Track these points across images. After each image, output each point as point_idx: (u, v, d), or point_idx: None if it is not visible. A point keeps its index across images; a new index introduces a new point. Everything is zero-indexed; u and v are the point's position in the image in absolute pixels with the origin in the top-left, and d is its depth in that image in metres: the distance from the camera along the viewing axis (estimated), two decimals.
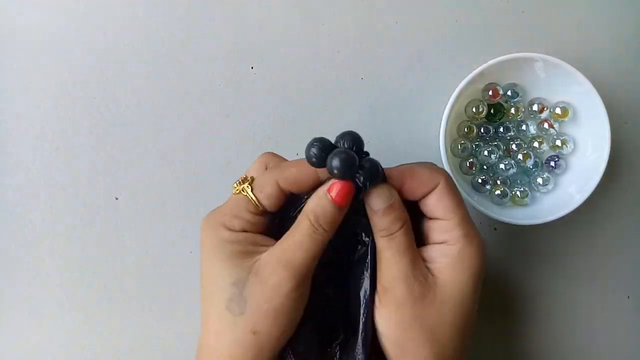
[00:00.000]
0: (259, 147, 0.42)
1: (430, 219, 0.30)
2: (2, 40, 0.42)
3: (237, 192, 0.29)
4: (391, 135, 0.42)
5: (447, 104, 0.37)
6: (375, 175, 0.27)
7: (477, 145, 0.40)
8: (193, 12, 0.42)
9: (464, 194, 0.37)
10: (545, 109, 0.40)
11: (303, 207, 0.28)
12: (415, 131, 0.42)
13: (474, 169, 0.40)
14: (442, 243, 0.28)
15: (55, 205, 0.42)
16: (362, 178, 0.27)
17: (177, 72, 0.42)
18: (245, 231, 0.28)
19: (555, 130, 0.40)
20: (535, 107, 0.40)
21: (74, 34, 0.42)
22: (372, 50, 0.42)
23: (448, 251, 0.28)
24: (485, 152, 0.39)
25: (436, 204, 0.29)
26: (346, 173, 0.26)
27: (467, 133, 0.40)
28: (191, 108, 0.42)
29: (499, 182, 0.40)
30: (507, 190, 0.39)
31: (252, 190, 0.29)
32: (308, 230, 0.27)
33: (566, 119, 0.39)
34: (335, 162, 0.26)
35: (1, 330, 0.41)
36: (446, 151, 0.37)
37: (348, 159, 0.26)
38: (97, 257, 0.41)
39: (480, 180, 0.40)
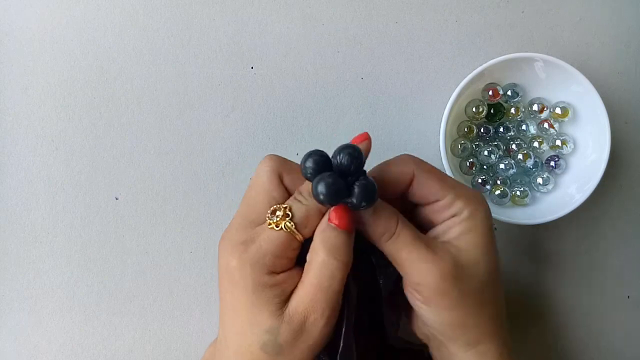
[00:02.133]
0: (259, 147, 0.42)
1: (426, 204, 0.29)
2: (2, 40, 0.42)
3: (277, 228, 0.27)
4: (391, 135, 0.42)
5: (447, 104, 0.37)
6: (370, 198, 0.26)
7: (477, 145, 0.40)
8: (193, 13, 0.42)
9: None
10: (545, 109, 0.40)
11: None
12: (415, 131, 0.42)
13: (474, 169, 0.40)
14: (449, 219, 0.28)
15: (55, 205, 0.42)
16: (354, 201, 0.25)
17: (177, 72, 0.42)
18: (284, 271, 0.27)
19: (555, 130, 0.40)
20: (535, 107, 0.40)
21: (74, 34, 0.42)
22: (372, 50, 0.42)
23: (456, 220, 0.28)
24: (485, 152, 0.39)
25: (422, 191, 0.28)
26: (332, 200, 0.25)
27: (467, 133, 0.40)
28: (191, 108, 0.42)
29: (499, 182, 0.40)
30: (507, 190, 0.39)
31: (296, 227, 0.27)
32: (323, 268, 0.26)
33: (566, 119, 0.39)
34: (321, 188, 0.25)
35: (1, 330, 0.41)
36: (446, 151, 0.37)
37: (334, 185, 0.25)
38: (97, 257, 0.41)
39: (480, 180, 0.40)
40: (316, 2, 0.42)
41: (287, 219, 0.27)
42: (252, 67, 0.42)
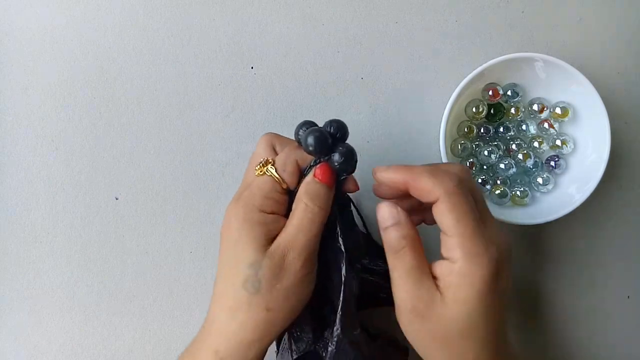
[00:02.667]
0: None
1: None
2: (2, 40, 0.42)
3: (261, 173, 0.31)
4: (391, 135, 0.42)
5: (447, 104, 0.37)
6: (350, 157, 0.30)
7: (477, 145, 0.40)
8: (193, 12, 0.42)
9: None
10: (545, 109, 0.40)
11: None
12: (415, 131, 0.42)
13: (474, 169, 0.40)
14: (447, 259, 0.28)
15: (55, 205, 0.42)
16: (335, 159, 0.30)
17: (177, 72, 0.42)
18: (274, 213, 0.30)
19: (555, 130, 0.40)
20: (535, 107, 0.40)
21: (74, 34, 0.42)
22: (372, 50, 0.42)
23: (452, 269, 0.28)
24: (485, 152, 0.39)
25: (438, 218, 0.28)
26: (319, 149, 0.30)
27: (467, 133, 0.40)
28: (191, 108, 0.42)
29: (499, 182, 0.40)
30: (507, 190, 0.39)
31: (276, 170, 0.31)
32: (305, 213, 0.30)
33: (566, 119, 0.39)
34: (310, 140, 0.30)
35: (1, 330, 0.41)
36: (446, 151, 0.37)
37: (321, 137, 0.30)
38: (97, 257, 0.41)
39: (480, 180, 0.40)
40: (316, 2, 0.42)
41: (269, 165, 0.31)
42: (252, 67, 0.42)
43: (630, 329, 0.42)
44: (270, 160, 0.31)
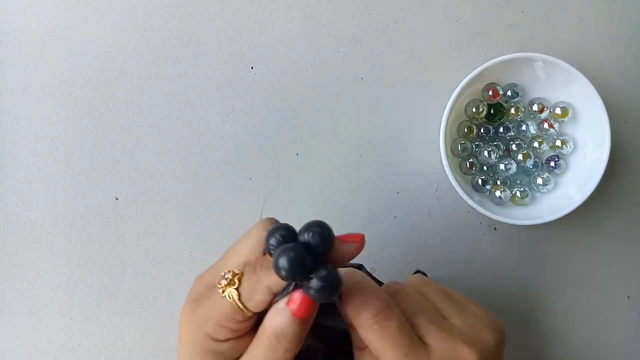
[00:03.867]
0: (259, 147, 0.42)
1: None
2: (2, 40, 0.42)
3: (223, 293, 0.25)
4: (391, 135, 0.42)
5: (447, 104, 0.37)
6: (332, 287, 0.23)
7: (477, 145, 0.40)
8: (193, 12, 0.42)
9: (463, 195, 0.37)
10: (545, 109, 0.40)
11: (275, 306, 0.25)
12: (415, 131, 0.42)
13: (474, 169, 0.40)
14: None
15: (55, 205, 0.42)
16: (312, 286, 0.22)
17: (177, 72, 0.42)
18: (229, 339, 0.26)
19: (555, 130, 0.40)
20: (535, 107, 0.40)
21: (74, 34, 0.42)
22: (372, 50, 0.42)
23: None
24: (485, 152, 0.39)
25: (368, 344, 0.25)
26: (295, 275, 0.22)
27: (467, 133, 0.40)
28: (191, 108, 0.42)
29: (499, 182, 0.40)
30: (507, 190, 0.39)
31: (239, 297, 0.25)
32: (268, 352, 0.24)
33: (566, 119, 0.39)
34: (282, 262, 0.22)
35: (1, 330, 0.41)
36: (446, 151, 0.37)
37: (297, 259, 0.22)
38: (97, 257, 0.41)
39: (480, 180, 0.40)
40: (316, 2, 0.42)
41: (233, 287, 0.25)
42: (252, 67, 0.42)
43: (630, 329, 0.42)
44: (235, 280, 0.25)
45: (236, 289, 0.25)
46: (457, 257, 0.42)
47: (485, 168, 0.41)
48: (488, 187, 0.40)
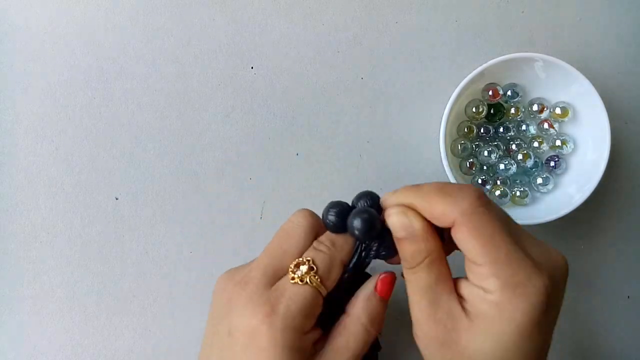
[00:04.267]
0: (259, 147, 0.42)
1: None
2: (2, 40, 0.42)
3: (302, 282, 0.25)
4: (391, 135, 0.42)
5: (447, 104, 0.37)
6: (390, 246, 0.26)
7: (477, 145, 0.40)
8: (193, 12, 0.42)
9: None
10: (545, 109, 0.40)
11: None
12: (415, 131, 0.42)
13: (474, 169, 0.40)
14: (479, 288, 0.24)
15: (55, 205, 0.42)
16: (375, 246, 0.26)
17: (177, 72, 0.42)
18: (314, 329, 0.26)
19: (555, 130, 0.40)
20: (535, 107, 0.40)
21: (74, 34, 0.42)
22: (372, 50, 0.42)
23: (485, 297, 0.23)
24: (485, 152, 0.39)
25: (460, 244, 0.24)
26: (367, 234, 0.26)
27: (467, 133, 0.40)
28: (191, 108, 0.42)
29: (499, 182, 0.40)
30: (507, 190, 0.39)
31: (320, 280, 0.25)
32: (362, 335, 0.26)
33: (566, 119, 0.39)
34: (357, 223, 0.25)
35: (1, 330, 0.41)
36: (446, 151, 0.37)
37: (370, 220, 0.25)
38: (97, 257, 0.41)
39: (480, 181, 0.40)
40: (316, 2, 0.42)
41: (312, 272, 0.25)
42: (252, 67, 0.42)
43: (630, 329, 0.42)
44: (311, 264, 0.25)
45: (316, 273, 0.25)
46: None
47: (485, 168, 0.41)
48: (488, 187, 0.40)
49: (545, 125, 0.40)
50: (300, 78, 0.42)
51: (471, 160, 0.40)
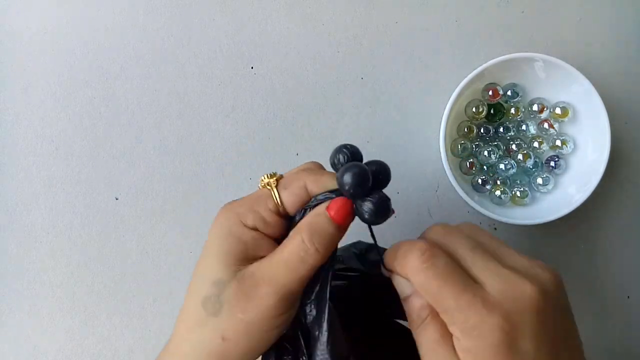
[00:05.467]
0: (259, 147, 0.42)
1: None
2: (2, 40, 0.42)
3: (263, 185, 0.28)
4: (391, 135, 0.42)
5: (447, 104, 0.37)
6: (384, 211, 0.25)
7: (477, 145, 0.40)
8: (193, 13, 0.42)
9: (463, 195, 0.37)
10: (545, 109, 0.40)
11: (298, 220, 0.26)
12: (415, 131, 0.42)
13: (474, 169, 0.40)
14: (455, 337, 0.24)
15: (55, 205, 0.42)
16: (365, 206, 0.25)
17: (177, 72, 0.42)
18: (256, 229, 0.27)
19: (555, 130, 0.40)
20: (535, 107, 0.40)
21: (74, 34, 0.42)
22: (372, 50, 0.42)
23: (458, 345, 0.24)
24: (485, 152, 0.39)
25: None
26: (357, 190, 0.24)
27: (467, 133, 0.40)
28: (191, 108, 0.42)
29: (499, 182, 0.40)
30: (507, 190, 0.39)
31: (276, 186, 0.27)
32: (298, 249, 0.25)
33: (566, 119, 0.39)
34: (347, 177, 0.24)
35: (1, 330, 0.41)
36: (446, 151, 0.37)
37: (362, 175, 0.24)
38: (97, 257, 0.41)
39: (480, 180, 0.40)
40: (316, 2, 0.42)
41: (273, 179, 0.27)
42: (252, 67, 0.42)
43: (630, 329, 0.42)
44: (278, 175, 0.28)
45: (276, 180, 0.27)
46: None
47: (485, 168, 0.41)
48: (488, 187, 0.40)
49: (545, 125, 0.40)
50: (300, 78, 0.42)
51: (471, 160, 0.40)
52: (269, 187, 0.27)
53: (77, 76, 0.42)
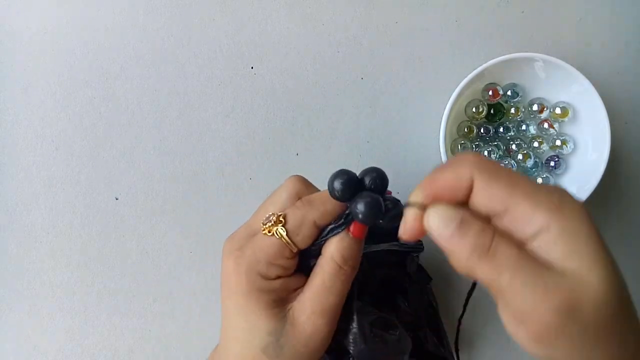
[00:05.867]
0: (259, 147, 0.42)
1: (498, 216, 0.23)
2: (2, 40, 0.42)
3: (269, 233, 0.27)
4: (391, 135, 0.42)
5: (447, 104, 0.37)
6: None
7: (477, 145, 0.40)
8: (193, 13, 0.42)
9: None
10: (545, 109, 0.40)
11: (323, 241, 0.28)
12: (415, 131, 0.42)
13: None
14: (539, 237, 0.22)
15: (55, 205, 0.42)
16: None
17: (177, 72, 0.42)
18: (280, 277, 0.28)
19: (555, 130, 0.40)
20: (535, 107, 0.40)
21: (74, 34, 0.42)
22: (372, 50, 0.42)
23: (551, 240, 0.22)
24: (485, 152, 0.39)
25: (486, 200, 0.23)
26: (370, 219, 0.26)
27: (467, 133, 0.40)
28: (191, 108, 0.42)
29: None
30: None
31: (287, 234, 0.27)
32: (337, 273, 0.27)
33: (566, 119, 0.39)
34: (361, 207, 0.26)
35: (1, 330, 0.41)
36: (446, 151, 0.37)
37: (374, 204, 0.25)
38: (97, 257, 0.41)
39: None
40: (316, 2, 0.42)
41: (280, 225, 0.27)
42: (252, 67, 0.42)
43: None
44: (281, 219, 0.27)
45: (283, 226, 0.27)
46: None
47: None
48: None
49: (545, 125, 0.40)
50: (300, 78, 0.42)
51: None
52: (278, 236, 0.27)
53: (77, 76, 0.42)
